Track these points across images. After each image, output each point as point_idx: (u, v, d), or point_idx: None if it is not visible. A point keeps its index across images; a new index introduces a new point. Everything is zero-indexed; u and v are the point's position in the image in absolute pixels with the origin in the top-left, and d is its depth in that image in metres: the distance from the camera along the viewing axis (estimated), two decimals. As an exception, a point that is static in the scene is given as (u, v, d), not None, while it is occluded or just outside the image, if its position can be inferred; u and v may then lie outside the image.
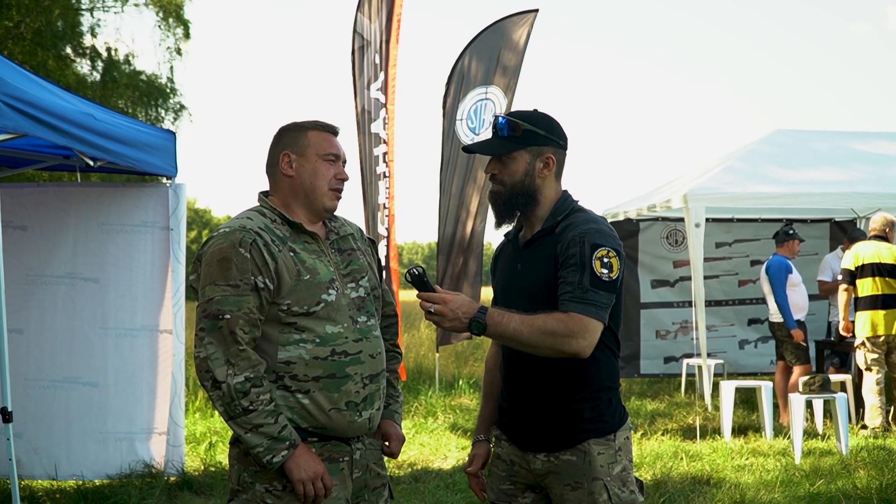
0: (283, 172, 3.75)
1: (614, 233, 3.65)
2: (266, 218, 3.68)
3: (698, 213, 10.58)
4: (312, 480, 3.51)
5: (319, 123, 3.81)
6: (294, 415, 3.57)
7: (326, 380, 3.59)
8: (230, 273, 3.51)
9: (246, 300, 3.50)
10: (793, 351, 11.19)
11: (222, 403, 3.48)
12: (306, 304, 3.58)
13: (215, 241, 3.59)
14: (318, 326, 3.60)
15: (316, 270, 3.64)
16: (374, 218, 12.31)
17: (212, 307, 3.50)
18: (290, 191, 3.75)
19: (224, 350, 3.47)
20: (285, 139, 3.78)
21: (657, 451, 9.58)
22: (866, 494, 7.65)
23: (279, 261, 3.57)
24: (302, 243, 3.68)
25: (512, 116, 3.74)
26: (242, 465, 3.62)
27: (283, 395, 3.57)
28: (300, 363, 3.57)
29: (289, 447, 3.49)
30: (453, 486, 8.27)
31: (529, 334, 3.45)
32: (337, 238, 3.82)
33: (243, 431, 3.47)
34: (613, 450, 3.68)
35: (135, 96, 28.93)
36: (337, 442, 3.67)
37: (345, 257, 3.80)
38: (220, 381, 3.45)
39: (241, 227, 3.58)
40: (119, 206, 8.55)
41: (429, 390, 13.61)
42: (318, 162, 3.74)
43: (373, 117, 12.36)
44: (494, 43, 13.17)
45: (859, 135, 13.72)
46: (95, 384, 8.44)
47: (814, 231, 14.55)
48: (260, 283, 3.52)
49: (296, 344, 3.58)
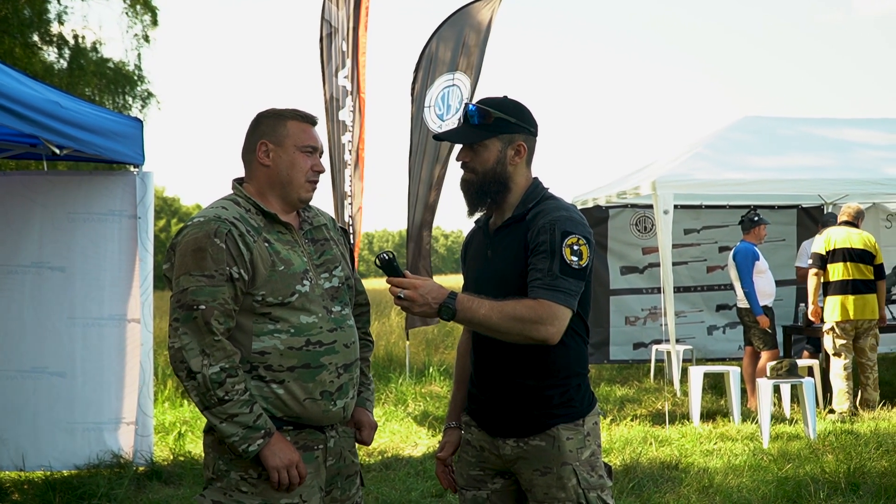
0: (259, 161, 3.73)
1: (584, 220, 3.66)
2: (241, 207, 3.67)
3: (667, 199, 10.61)
4: (287, 468, 3.52)
5: (299, 113, 3.80)
6: (269, 405, 3.57)
7: (301, 369, 3.59)
8: (205, 263, 3.50)
9: (221, 291, 3.49)
10: (760, 336, 11.25)
11: (197, 394, 3.47)
12: (281, 295, 3.58)
13: (190, 230, 3.57)
14: (292, 317, 3.60)
15: (290, 261, 3.64)
16: (342, 206, 12.27)
17: (186, 297, 3.49)
18: (266, 180, 3.73)
19: (199, 340, 3.46)
20: (263, 126, 3.76)
21: (627, 437, 9.61)
22: (834, 478, 7.70)
23: (254, 251, 3.56)
24: (276, 234, 3.68)
25: (482, 104, 3.74)
26: (217, 453, 3.62)
27: (257, 385, 3.56)
28: (275, 353, 3.57)
29: (264, 436, 3.49)
30: (423, 473, 8.28)
31: (499, 320, 3.46)
32: (310, 228, 3.82)
33: (218, 421, 3.47)
34: (582, 435, 3.69)
35: (102, 84, 28.74)
36: (312, 430, 3.67)
37: (318, 248, 3.79)
38: (195, 371, 3.44)
39: (216, 217, 3.57)
40: (86, 194, 8.51)
41: (399, 378, 13.61)
42: (296, 153, 3.73)
43: (340, 104, 12.31)
44: (460, 28, 13.12)
45: (827, 121, 13.78)
46: (63, 374, 8.40)
47: (781, 217, 14.61)
48: (235, 273, 3.52)
49: (270, 334, 3.57)
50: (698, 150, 12.17)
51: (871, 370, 10.90)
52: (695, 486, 7.69)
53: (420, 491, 7.72)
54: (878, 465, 8.11)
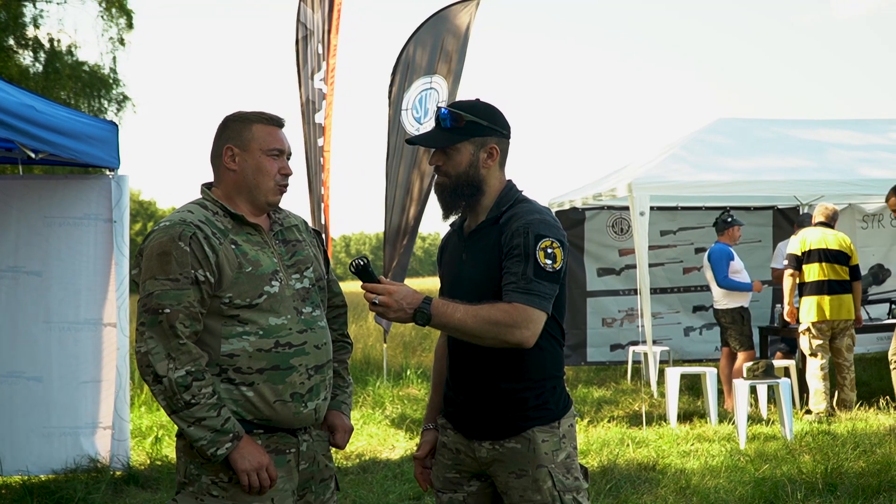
0: (226, 166, 3.72)
1: (558, 223, 3.67)
2: (207, 210, 3.66)
3: (643, 201, 10.65)
4: (257, 471, 3.51)
5: (264, 116, 3.78)
6: (239, 407, 3.57)
7: (271, 371, 3.58)
8: (170, 267, 3.50)
9: (186, 294, 3.49)
10: (737, 337, 11.30)
11: (164, 398, 3.47)
12: (248, 297, 3.57)
13: (156, 235, 3.57)
14: (261, 318, 3.59)
15: (258, 262, 3.63)
16: (319, 209, 12.26)
17: (152, 301, 3.49)
18: (234, 185, 3.72)
19: (165, 344, 3.46)
20: (229, 131, 3.75)
21: (604, 438, 9.63)
22: (811, 479, 7.72)
23: (220, 253, 3.56)
24: (245, 235, 3.67)
25: (454, 107, 3.74)
26: (188, 457, 3.61)
27: (227, 388, 3.56)
28: (244, 355, 3.56)
29: (232, 439, 3.48)
30: (401, 476, 8.28)
31: (474, 324, 3.47)
32: (281, 229, 3.81)
33: (186, 425, 3.46)
34: (558, 437, 3.70)
35: (77, 87, 28.65)
36: (283, 434, 3.66)
37: (289, 248, 3.78)
38: (161, 375, 3.44)
39: (181, 221, 3.57)
40: (61, 198, 8.48)
41: (377, 381, 13.60)
42: (262, 157, 3.71)
43: (316, 107, 12.29)
44: (438, 31, 13.12)
45: (802, 123, 13.87)
46: (39, 378, 8.38)
47: (757, 218, 14.66)
48: (200, 276, 3.51)
49: (239, 336, 3.57)
50: (674, 151, 12.21)
51: (847, 370, 10.95)
52: (672, 488, 7.71)
53: (398, 494, 7.72)
54: (855, 466, 8.14)
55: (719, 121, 13.32)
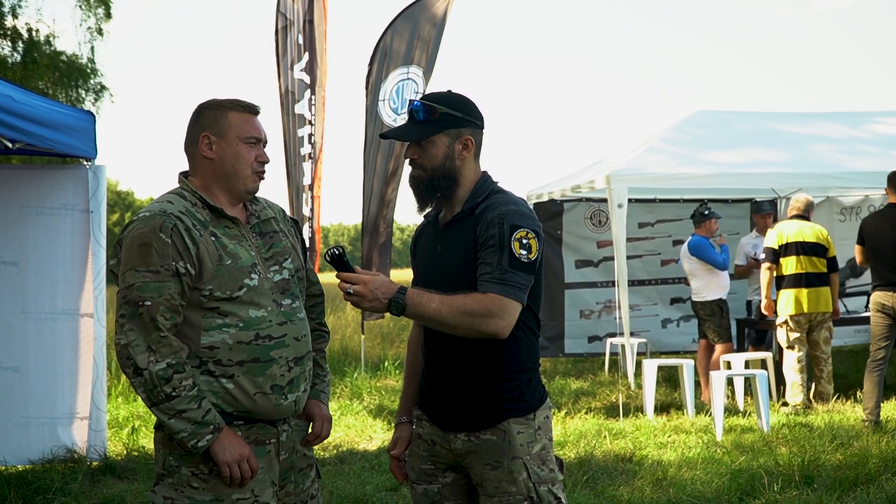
0: (202, 154, 3.70)
1: (534, 214, 3.68)
2: (187, 201, 3.65)
3: (621, 193, 10.65)
4: (238, 462, 3.52)
5: (240, 103, 3.76)
6: (219, 400, 3.56)
7: (251, 364, 3.58)
8: (150, 259, 3.48)
9: (167, 286, 3.48)
10: (715, 329, 11.34)
11: (145, 390, 3.46)
12: (228, 290, 3.57)
13: (135, 225, 3.55)
14: (241, 311, 3.58)
15: (237, 255, 3.62)
16: (299, 198, 12.25)
17: (132, 293, 3.48)
18: (211, 173, 3.71)
19: (145, 336, 3.45)
20: (204, 119, 3.73)
21: (581, 430, 9.65)
22: (788, 471, 7.75)
23: (200, 245, 3.55)
24: (223, 228, 3.66)
25: (427, 99, 3.75)
26: (168, 448, 3.61)
27: (207, 381, 3.55)
28: (224, 348, 3.56)
29: (213, 431, 3.48)
30: (379, 467, 8.29)
31: (448, 315, 3.47)
32: (258, 222, 3.79)
33: (167, 417, 3.46)
34: (533, 429, 3.71)
35: (55, 77, 28.51)
36: (263, 424, 3.67)
37: (266, 241, 3.77)
38: (141, 367, 3.43)
39: (161, 212, 3.55)
40: (38, 188, 8.46)
41: (354, 371, 13.61)
42: (240, 145, 3.69)
43: (297, 98, 12.28)
44: (415, 21, 13.11)
45: (781, 115, 13.86)
46: (16, 369, 8.36)
47: (735, 211, 14.71)
48: (181, 268, 3.50)
49: (219, 329, 3.56)
50: (653, 143, 12.21)
51: (825, 363, 10.99)
52: (649, 479, 7.73)
53: (375, 485, 7.72)
54: (832, 458, 8.18)
55: (698, 113, 13.31)
